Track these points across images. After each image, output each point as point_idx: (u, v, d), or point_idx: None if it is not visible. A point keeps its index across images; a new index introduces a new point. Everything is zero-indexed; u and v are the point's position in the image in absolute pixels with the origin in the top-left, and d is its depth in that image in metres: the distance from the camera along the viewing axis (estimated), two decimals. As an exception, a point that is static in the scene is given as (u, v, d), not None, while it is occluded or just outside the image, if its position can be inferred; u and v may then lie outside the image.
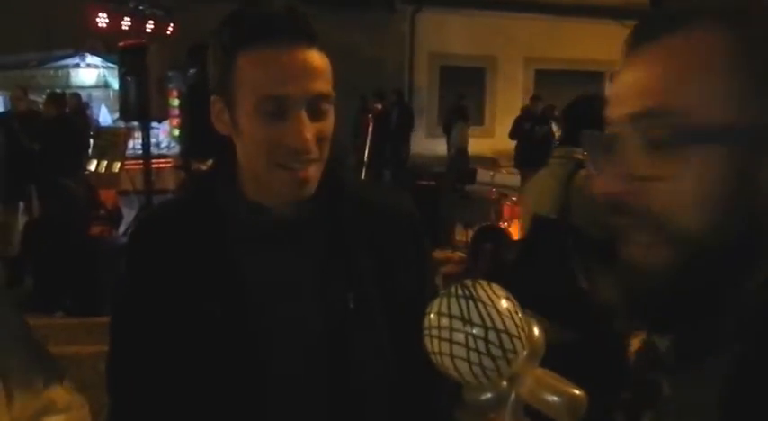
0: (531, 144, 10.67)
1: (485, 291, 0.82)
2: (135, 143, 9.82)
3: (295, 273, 1.15)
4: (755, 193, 0.62)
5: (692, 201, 0.63)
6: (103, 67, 13.09)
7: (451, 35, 16.23)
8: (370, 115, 6.69)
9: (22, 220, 7.30)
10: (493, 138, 14.98)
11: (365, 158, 7.05)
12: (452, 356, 0.79)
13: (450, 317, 0.80)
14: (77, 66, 13.35)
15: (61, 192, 6.36)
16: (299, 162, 1.07)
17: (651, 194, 0.63)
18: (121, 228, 7.18)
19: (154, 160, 8.19)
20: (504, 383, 0.79)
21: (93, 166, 8.59)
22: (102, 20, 6.69)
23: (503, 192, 7.85)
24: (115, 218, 7.39)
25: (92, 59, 13.25)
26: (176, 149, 12.07)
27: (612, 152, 0.66)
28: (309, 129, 1.06)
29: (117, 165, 8.35)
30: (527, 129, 11.05)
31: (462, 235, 7.50)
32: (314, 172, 1.10)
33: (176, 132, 12.02)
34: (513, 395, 0.79)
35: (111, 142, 8.72)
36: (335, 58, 1.12)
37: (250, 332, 1.11)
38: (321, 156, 1.10)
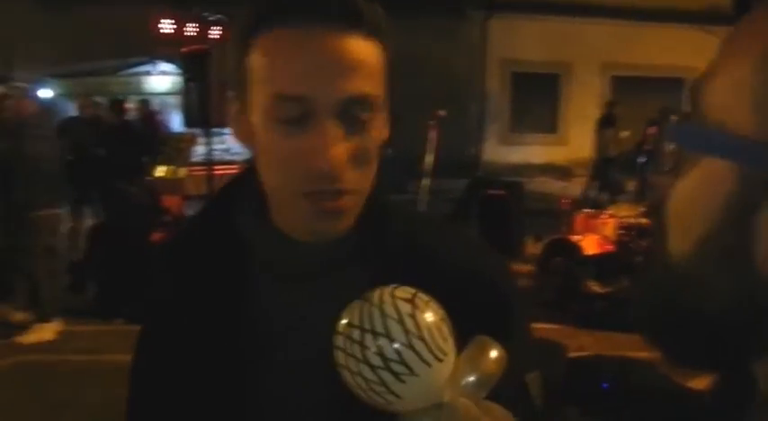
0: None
1: (380, 293, 0.70)
2: (203, 149, 9.88)
3: (316, 324, 0.86)
4: (745, 237, 0.45)
5: (683, 212, 0.50)
6: (176, 73, 13.27)
7: (524, 41, 15.85)
8: (431, 122, 6.46)
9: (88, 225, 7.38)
10: (566, 147, 14.52)
11: (430, 168, 6.86)
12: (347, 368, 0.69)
13: (350, 325, 0.70)
14: (149, 73, 13.58)
15: (121, 198, 6.36)
16: (326, 192, 0.80)
17: (671, 194, 0.51)
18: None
19: (219, 166, 8.17)
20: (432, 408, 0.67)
21: (159, 172, 8.65)
22: (168, 26, 6.68)
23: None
24: (180, 224, 7.38)
25: (165, 66, 13.45)
26: (246, 155, 12.15)
27: None
28: (340, 146, 0.78)
29: (182, 171, 8.36)
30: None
31: (534, 248, 7.22)
32: (348, 203, 0.82)
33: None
34: None
35: (177, 148, 8.77)
36: (404, 67, 0.86)
37: (250, 387, 0.89)
38: (360, 185, 0.82)
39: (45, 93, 12.42)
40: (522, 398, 0.86)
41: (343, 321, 0.71)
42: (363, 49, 0.79)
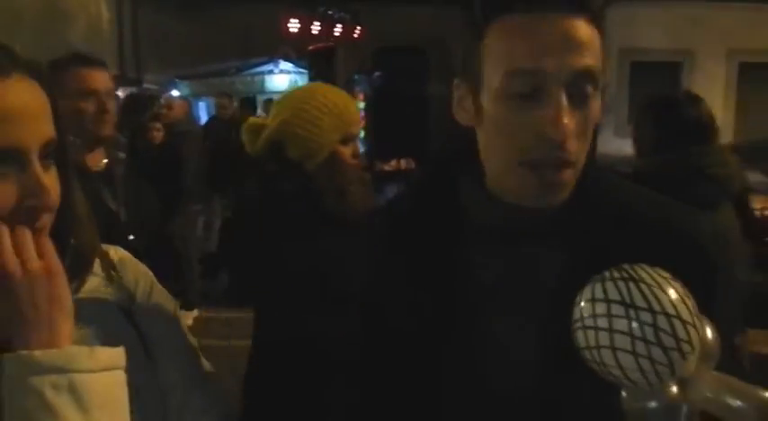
0: None
1: (647, 272, 0.70)
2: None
3: (522, 289, 0.95)
4: None
5: None
6: (295, 72, 13.63)
7: (643, 29, 15.27)
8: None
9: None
10: (689, 138, 13.91)
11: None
12: (614, 348, 0.67)
13: (608, 302, 0.68)
14: (271, 72, 13.99)
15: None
16: (550, 165, 0.87)
17: None
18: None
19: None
20: (674, 389, 0.67)
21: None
22: (294, 25, 6.91)
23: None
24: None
25: (284, 65, 13.83)
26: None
27: None
28: (570, 116, 0.85)
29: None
30: None
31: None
32: (569, 177, 0.89)
33: (361, 134, 12.25)
34: (686, 405, 0.66)
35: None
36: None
37: (452, 345, 0.97)
38: (579, 158, 0.89)
39: (174, 94, 13.06)
40: (729, 359, 0.90)
41: (590, 300, 0.69)
42: (588, 31, 0.87)
